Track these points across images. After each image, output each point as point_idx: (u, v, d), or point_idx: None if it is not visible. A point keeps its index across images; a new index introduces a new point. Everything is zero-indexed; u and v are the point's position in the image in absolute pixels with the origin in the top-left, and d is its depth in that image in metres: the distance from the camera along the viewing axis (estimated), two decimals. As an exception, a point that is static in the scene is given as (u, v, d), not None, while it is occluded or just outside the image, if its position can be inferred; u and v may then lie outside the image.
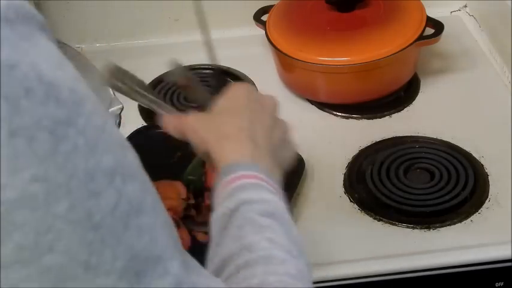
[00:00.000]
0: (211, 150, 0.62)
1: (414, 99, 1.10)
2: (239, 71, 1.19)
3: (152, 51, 1.27)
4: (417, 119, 1.06)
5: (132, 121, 1.08)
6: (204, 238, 0.83)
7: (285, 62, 1.10)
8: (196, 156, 0.91)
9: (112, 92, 1.06)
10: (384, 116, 1.07)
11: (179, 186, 0.87)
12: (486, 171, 0.94)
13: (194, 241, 0.84)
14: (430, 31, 1.06)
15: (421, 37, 1.04)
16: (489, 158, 0.96)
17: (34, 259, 0.33)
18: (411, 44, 1.03)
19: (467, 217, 0.87)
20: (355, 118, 1.07)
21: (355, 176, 0.95)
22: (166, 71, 0.74)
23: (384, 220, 0.88)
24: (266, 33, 1.12)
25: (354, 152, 0.99)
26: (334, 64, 1.04)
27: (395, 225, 0.87)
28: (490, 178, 0.93)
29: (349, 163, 0.97)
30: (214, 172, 0.82)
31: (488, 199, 0.90)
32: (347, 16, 1.09)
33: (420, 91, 1.12)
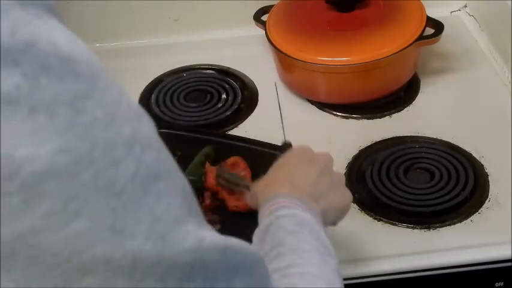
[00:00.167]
0: (259, 195, 0.70)
1: (414, 99, 1.10)
2: (239, 71, 1.19)
3: (152, 51, 1.27)
4: (417, 119, 1.06)
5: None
6: None
7: (285, 62, 1.10)
8: (196, 156, 0.92)
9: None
10: (384, 116, 1.07)
11: None
12: (486, 171, 0.94)
13: None
14: (430, 31, 1.06)
15: (421, 37, 1.04)
16: (489, 158, 0.96)
17: (63, 225, 0.35)
18: (411, 44, 1.03)
19: (467, 217, 0.87)
20: (355, 118, 1.07)
21: (355, 176, 0.95)
22: None
23: (384, 220, 0.88)
24: (266, 33, 1.12)
25: (354, 152, 0.99)
26: (334, 64, 1.04)
27: (395, 225, 0.87)
28: (490, 178, 0.93)
29: (349, 163, 0.97)
30: (212, 172, 0.87)
31: (488, 199, 0.90)
32: (347, 16, 1.09)
33: (420, 91, 1.12)
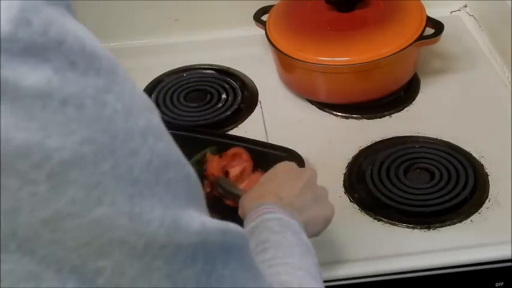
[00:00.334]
0: (245, 206, 0.73)
1: (414, 99, 1.10)
2: (239, 71, 1.19)
3: (152, 51, 1.27)
4: (417, 119, 1.06)
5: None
6: None
7: (285, 62, 1.10)
8: (195, 155, 0.92)
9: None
10: (384, 116, 1.07)
11: None
12: (486, 171, 0.94)
13: None
14: (430, 31, 1.06)
15: (421, 37, 1.04)
16: (489, 158, 0.96)
17: (85, 212, 0.37)
18: (411, 44, 1.03)
19: (467, 217, 0.87)
20: (355, 118, 1.07)
21: (355, 176, 0.95)
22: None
23: (384, 220, 0.88)
24: (266, 33, 1.12)
25: (354, 152, 0.99)
26: (334, 64, 1.04)
27: (395, 225, 0.87)
28: (490, 178, 0.93)
29: (349, 163, 0.97)
30: (213, 162, 0.90)
31: (488, 199, 0.90)
32: (347, 16, 1.09)
33: (420, 91, 1.12)
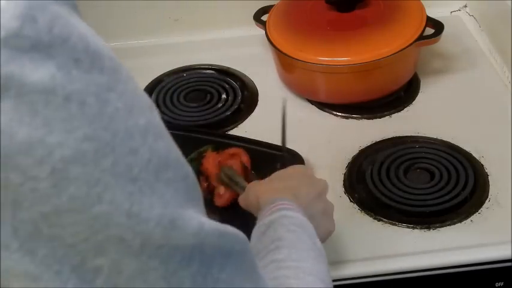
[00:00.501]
0: (260, 197, 0.73)
1: (414, 99, 1.10)
2: (239, 71, 1.19)
3: (152, 51, 1.27)
4: (417, 119, 1.06)
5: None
6: None
7: (285, 62, 1.10)
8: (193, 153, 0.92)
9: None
10: (384, 116, 1.07)
11: None
12: (486, 171, 0.94)
13: None
14: (430, 31, 1.06)
15: (421, 37, 1.04)
16: (489, 158, 0.96)
17: (85, 208, 0.38)
18: (411, 44, 1.03)
19: (467, 217, 0.87)
20: (355, 118, 1.07)
21: (355, 176, 0.95)
22: None
23: (384, 220, 0.88)
24: (266, 33, 1.12)
25: (354, 152, 0.99)
26: (334, 64, 1.04)
27: (395, 225, 0.87)
28: (490, 178, 0.93)
29: (349, 163, 0.97)
30: (210, 157, 0.91)
31: (488, 199, 0.90)
32: (347, 16, 1.09)
33: (420, 91, 1.12)
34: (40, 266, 0.38)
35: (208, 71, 1.21)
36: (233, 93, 1.14)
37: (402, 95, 1.11)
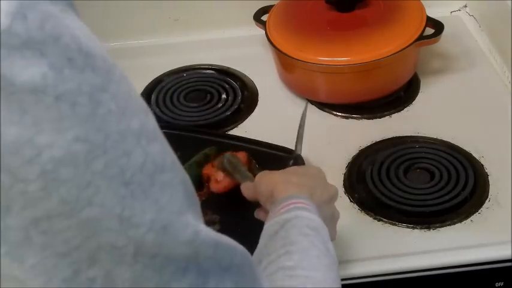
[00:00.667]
0: (275, 188, 0.71)
1: (414, 99, 1.10)
2: (239, 71, 1.19)
3: (152, 51, 1.27)
4: (417, 119, 1.06)
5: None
6: None
7: (285, 62, 1.10)
8: (195, 155, 0.92)
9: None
10: (384, 116, 1.07)
11: None
12: (486, 171, 0.94)
13: None
14: (430, 31, 1.06)
15: (421, 37, 1.04)
16: (489, 158, 0.96)
17: (76, 212, 0.37)
18: (411, 44, 1.03)
19: (467, 217, 0.87)
20: (355, 118, 1.07)
21: (355, 176, 0.95)
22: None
23: (384, 220, 0.88)
24: (266, 33, 1.12)
25: (354, 152, 0.99)
26: (334, 64, 1.04)
27: (395, 225, 0.87)
28: (490, 178, 0.93)
29: (349, 163, 0.97)
30: (214, 170, 0.89)
31: (488, 199, 0.90)
32: (347, 16, 1.09)
33: (420, 91, 1.12)
34: (28, 274, 0.38)
35: (208, 71, 1.21)
36: (233, 93, 1.14)
37: (402, 95, 1.11)
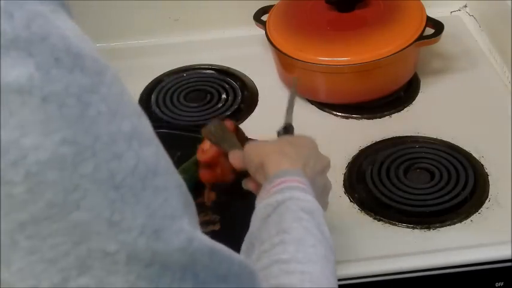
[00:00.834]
0: (266, 159, 0.69)
1: (414, 99, 1.10)
2: (239, 71, 1.19)
3: (152, 51, 1.27)
4: (417, 119, 1.06)
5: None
6: None
7: (285, 62, 1.10)
8: (194, 156, 0.92)
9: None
10: (384, 116, 1.07)
11: None
12: (486, 171, 0.94)
13: None
14: (430, 31, 1.06)
15: (421, 37, 1.04)
16: (489, 158, 0.96)
17: (63, 215, 0.36)
18: (411, 44, 1.03)
19: (467, 217, 0.87)
20: (355, 118, 1.07)
21: (355, 176, 0.95)
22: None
23: (384, 220, 0.88)
24: (266, 33, 1.12)
25: (354, 152, 0.99)
26: (334, 64, 1.04)
27: (395, 225, 0.87)
28: (490, 178, 0.93)
29: (349, 163, 0.97)
30: (207, 170, 0.85)
31: (488, 199, 0.90)
32: (347, 16, 1.09)
33: (420, 91, 1.12)
34: (15, 278, 0.36)
35: (208, 71, 1.21)
36: (233, 93, 1.14)
37: (402, 95, 1.11)
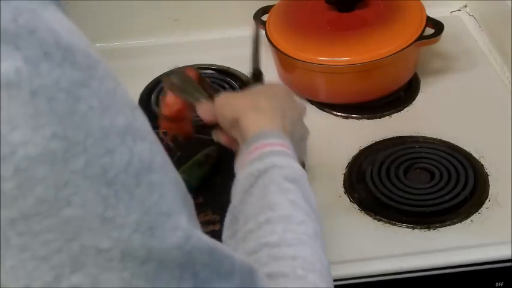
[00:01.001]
0: (242, 116, 0.66)
1: (414, 99, 1.10)
2: (239, 71, 1.19)
3: (152, 51, 1.27)
4: (417, 119, 1.06)
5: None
6: None
7: (285, 62, 1.10)
8: (196, 155, 0.92)
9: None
10: (384, 116, 1.07)
11: None
12: (486, 171, 0.94)
13: None
14: (430, 31, 1.06)
15: (421, 37, 1.04)
16: (489, 158, 0.96)
17: (54, 212, 0.35)
18: (411, 44, 1.03)
19: (467, 217, 0.87)
20: (355, 118, 1.07)
21: (355, 176, 0.95)
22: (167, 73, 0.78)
23: (384, 220, 0.88)
24: (266, 33, 1.12)
25: (354, 152, 0.99)
26: (334, 64, 1.04)
27: (395, 225, 0.87)
28: (490, 178, 0.93)
29: (349, 163, 0.97)
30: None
31: (488, 199, 0.90)
32: (347, 16, 1.09)
33: (420, 91, 1.12)
34: (7, 276, 0.36)
35: (208, 71, 1.21)
36: (233, 93, 1.14)
37: (402, 95, 1.11)
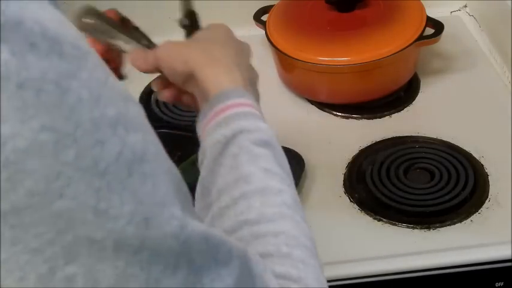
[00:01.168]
0: (199, 71, 0.62)
1: (414, 99, 1.11)
2: (239, 71, 1.19)
3: (152, 51, 1.27)
4: (417, 119, 1.06)
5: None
6: None
7: (285, 62, 1.10)
8: (192, 156, 0.92)
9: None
10: (384, 116, 1.07)
11: None
12: (486, 171, 0.94)
13: None
14: (430, 31, 1.06)
15: (421, 37, 1.04)
16: (489, 158, 0.96)
17: (46, 204, 0.35)
18: (411, 44, 1.03)
19: (467, 217, 0.87)
20: (355, 118, 1.07)
21: (355, 176, 0.95)
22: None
23: (384, 220, 0.88)
24: (266, 33, 1.12)
25: (354, 152, 0.99)
26: (334, 64, 1.04)
27: (395, 225, 0.87)
28: (490, 178, 0.93)
29: (349, 163, 0.97)
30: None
31: (488, 199, 0.90)
32: (347, 16, 1.09)
33: (420, 91, 1.12)
34: (1, 270, 0.36)
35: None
36: (233, 93, 1.14)
37: (402, 95, 1.11)
